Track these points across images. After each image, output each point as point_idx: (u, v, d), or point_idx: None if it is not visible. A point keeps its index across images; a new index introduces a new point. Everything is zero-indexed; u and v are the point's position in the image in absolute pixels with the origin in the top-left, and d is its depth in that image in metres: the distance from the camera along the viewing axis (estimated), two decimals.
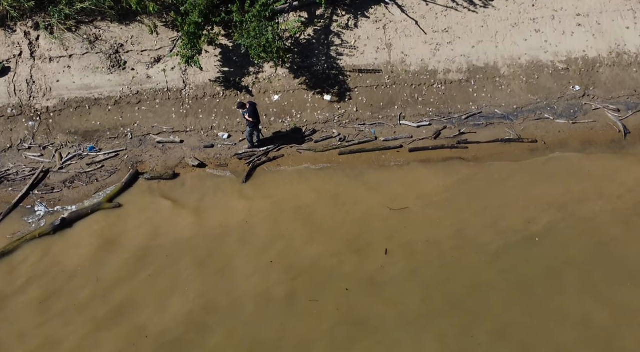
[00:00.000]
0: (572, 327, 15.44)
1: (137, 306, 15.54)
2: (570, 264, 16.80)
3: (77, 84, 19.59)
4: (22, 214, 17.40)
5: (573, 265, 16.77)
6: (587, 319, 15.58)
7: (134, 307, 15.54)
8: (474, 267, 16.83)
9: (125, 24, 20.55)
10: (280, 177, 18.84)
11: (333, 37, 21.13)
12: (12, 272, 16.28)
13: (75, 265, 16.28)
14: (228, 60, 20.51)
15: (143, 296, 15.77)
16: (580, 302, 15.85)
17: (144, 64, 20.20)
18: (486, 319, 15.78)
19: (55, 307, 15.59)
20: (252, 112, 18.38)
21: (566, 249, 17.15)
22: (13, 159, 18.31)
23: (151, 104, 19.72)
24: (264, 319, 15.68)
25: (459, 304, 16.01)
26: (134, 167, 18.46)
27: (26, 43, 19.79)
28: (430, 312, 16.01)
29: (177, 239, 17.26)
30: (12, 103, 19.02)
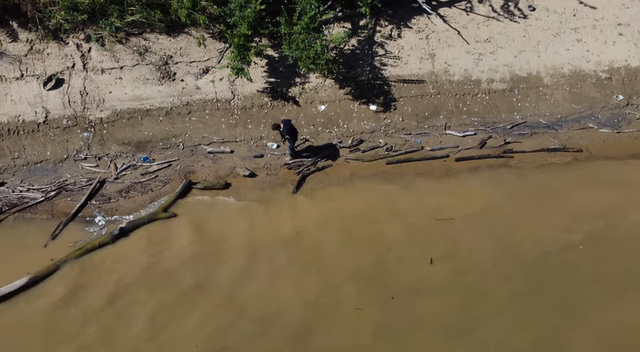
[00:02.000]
0: (613, 338, 15.64)
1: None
2: (610, 273, 16.98)
3: (128, 95, 19.99)
4: (82, 223, 17.77)
5: (613, 275, 16.94)
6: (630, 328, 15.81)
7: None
8: (515, 277, 17.08)
9: (173, 35, 20.95)
10: (329, 187, 19.13)
11: (377, 48, 21.46)
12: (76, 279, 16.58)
13: (138, 273, 16.59)
14: (274, 70, 20.88)
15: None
16: (618, 311, 16.05)
17: (192, 75, 20.58)
18: (527, 328, 16.02)
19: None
20: (289, 129, 18.73)
21: (606, 258, 17.34)
22: (70, 169, 18.72)
23: (201, 115, 20.10)
24: (311, 328, 15.86)
25: (500, 314, 16.28)
26: (187, 177, 18.82)
27: (78, 55, 20.22)
28: (472, 321, 16.27)
29: (227, 249, 17.55)
30: (67, 114, 19.46)
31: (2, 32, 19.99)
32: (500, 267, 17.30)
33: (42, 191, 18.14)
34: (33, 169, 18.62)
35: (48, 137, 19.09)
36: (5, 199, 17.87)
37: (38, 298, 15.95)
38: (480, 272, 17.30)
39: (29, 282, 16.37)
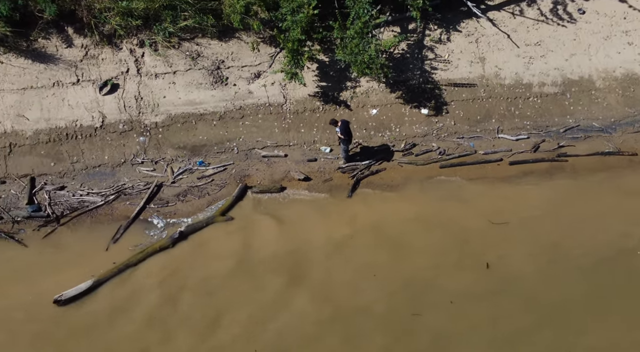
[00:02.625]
0: None
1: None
2: None
3: (182, 99, 20.16)
4: (142, 226, 17.92)
5: None
6: None
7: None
8: (571, 282, 17.02)
9: (224, 40, 21.11)
10: (383, 191, 19.20)
11: (426, 51, 21.49)
12: (136, 283, 16.73)
13: (203, 277, 16.73)
14: (325, 74, 20.97)
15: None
16: None
17: (244, 79, 20.73)
18: (584, 334, 15.97)
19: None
20: (344, 129, 18.81)
21: None
22: (127, 173, 18.91)
23: (254, 119, 20.23)
24: (366, 333, 15.93)
25: (556, 319, 16.23)
26: (242, 181, 18.94)
27: (132, 60, 20.42)
28: (528, 326, 16.23)
29: (282, 252, 17.63)
30: (123, 119, 19.65)
31: (58, 38, 20.20)
32: (556, 271, 17.25)
33: (102, 195, 18.32)
34: (92, 173, 18.81)
35: (105, 141, 19.28)
36: (66, 202, 18.07)
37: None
38: (536, 276, 17.27)
39: (93, 284, 16.48)
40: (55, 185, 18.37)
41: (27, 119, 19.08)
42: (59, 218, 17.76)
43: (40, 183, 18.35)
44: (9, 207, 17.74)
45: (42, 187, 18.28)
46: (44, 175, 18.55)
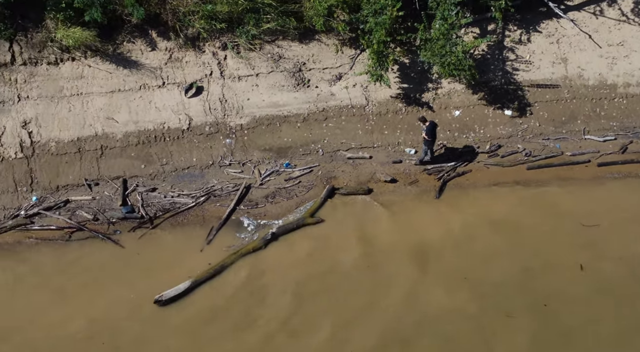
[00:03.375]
0: None
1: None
2: None
3: (266, 101, 20.26)
4: (233, 228, 18.02)
5: None
6: None
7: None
8: None
9: (305, 42, 21.19)
10: (470, 192, 19.09)
11: (507, 52, 21.37)
12: (232, 284, 16.82)
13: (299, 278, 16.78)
14: (406, 76, 20.95)
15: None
16: None
17: (326, 81, 20.78)
18: None
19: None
20: (430, 130, 18.78)
21: None
22: (216, 175, 19.04)
23: (337, 121, 20.26)
24: (459, 336, 15.80)
25: None
26: (329, 183, 18.97)
27: (215, 63, 20.57)
28: (624, 330, 15.95)
29: (372, 253, 17.62)
30: (209, 121, 19.80)
31: (143, 41, 20.43)
32: None
33: (192, 197, 18.47)
34: (181, 175, 18.98)
35: (193, 143, 19.44)
36: (158, 204, 18.24)
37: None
38: (630, 279, 17.00)
39: (191, 285, 16.59)
40: (147, 187, 18.55)
41: (117, 121, 19.31)
42: (153, 219, 17.91)
43: (132, 185, 18.49)
44: (104, 209, 17.95)
45: (135, 188, 18.47)
46: (135, 177, 18.75)
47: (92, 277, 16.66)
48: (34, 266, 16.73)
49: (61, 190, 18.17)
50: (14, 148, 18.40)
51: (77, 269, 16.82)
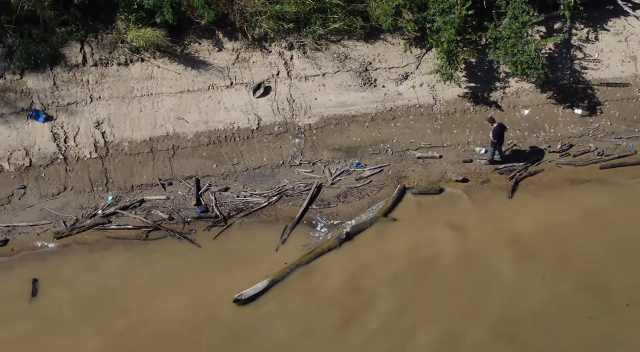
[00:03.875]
0: None
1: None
2: None
3: (333, 101, 20.25)
4: (306, 227, 18.01)
5: None
6: None
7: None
8: None
9: (371, 42, 21.17)
10: (544, 192, 18.91)
11: (575, 51, 21.16)
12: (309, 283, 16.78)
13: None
14: (473, 75, 20.81)
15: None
16: None
17: (393, 81, 20.72)
18: None
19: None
20: (497, 132, 18.64)
21: None
22: (287, 175, 19.06)
23: (406, 120, 20.19)
24: (539, 337, 15.58)
25: None
26: (400, 182, 18.89)
27: (282, 63, 20.61)
28: None
29: (446, 253, 17.49)
30: (278, 121, 19.83)
31: (210, 42, 20.52)
32: None
33: (265, 196, 18.50)
34: (253, 174, 19.01)
35: (263, 143, 19.48)
36: (231, 204, 18.29)
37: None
38: None
39: (269, 284, 16.59)
40: (220, 187, 18.61)
41: (187, 122, 19.41)
42: (227, 219, 17.93)
43: (205, 185, 18.56)
44: (179, 209, 18.02)
45: (208, 188, 18.52)
46: (208, 177, 18.82)
47: (171, 276, 16.69)
48: (113, 265, 16.78)
49: (136, 190, 18.28)
50: (88, 148, 18.55)
51: (156, 269, 16.86)
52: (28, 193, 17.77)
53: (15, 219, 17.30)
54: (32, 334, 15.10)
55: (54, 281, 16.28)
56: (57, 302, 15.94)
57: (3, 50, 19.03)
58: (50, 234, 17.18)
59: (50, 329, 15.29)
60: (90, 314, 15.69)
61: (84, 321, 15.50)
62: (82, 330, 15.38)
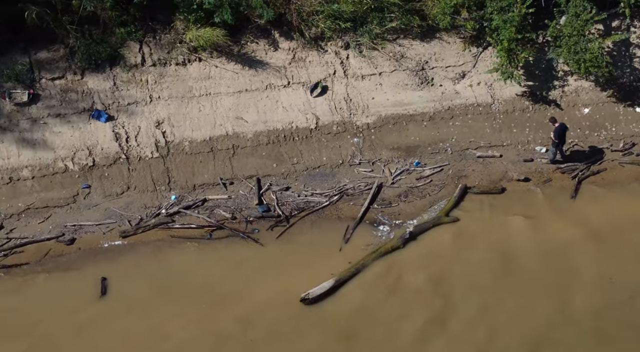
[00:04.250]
0: None
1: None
2: None
3: (390, 100, 20.16)
4: (368, 227, 17.94)
5: None
6: None
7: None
8: None
9: (426, 41, 21.02)
10: (608, 192, 18.68)
11: (634, 49, 20.96)
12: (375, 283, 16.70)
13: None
14: (530, 74, 20.63)
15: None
16: None
17: (450, 79, 20.59)
18: None
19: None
20: (557, 132, 18.46)
21: None
22: (347, 174, 19.01)
23: (464, 119, 20.06)
24: (609, 337, 15.35)
25: None
26: (460, 182, 18.74)
27: (338, 62, 20.56)
28: None
29: (512, 254, 17.31)
30: (336, 120, 19.78)
31: (266, 42, 20.51)
32: None
33: (325, 196, 18.46)
34: (312, 174, 18.99)
35: (321, 143, 19.44)
36: (293, 203, 18.27)
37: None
38: None
39: (335, 284, 16.53)
40: (280, 186, 18.60)
41: (246, 121, 19.43)
42: (289, 218, 17.90)
43: (265, 184, 18.55)
44: (241, 208, 18.02)
45: (268, 187, 18.51)
46: (268, 176, 18.82)
47: (236, 275, 16.69)
48: (179, 264, 16.82)
49: (197, 189, 18.33)
50: (149, 148, 18.63)
51: (221, 267, 16.86)
52: (92, 192, 17.85)
53: (81, 218, 17.40)
54: (103, 333, 15.12)
55: (122, 280, 16.34)
56: (126, 300, 15.95)
57: (65, 51, 19.10)
58: (115, 232, 17.21)
59: (120, 328, 15.30)
60: (157, 314, 15.67)
61: (153, 319, 15.56)
62: (151, 328, 15.35)
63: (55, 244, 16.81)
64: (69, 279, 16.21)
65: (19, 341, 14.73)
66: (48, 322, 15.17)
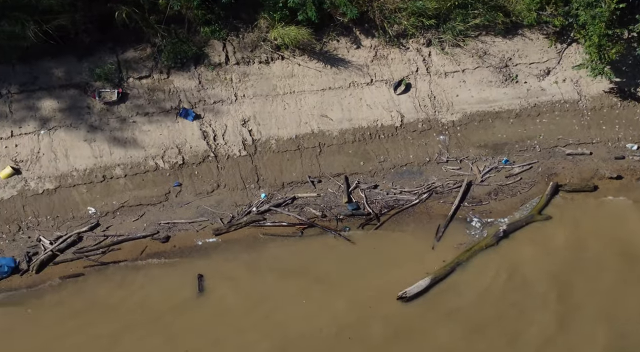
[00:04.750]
0: None
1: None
2: None
3: (475, 97, 19.92)
4: (459, 225, 17.74)
5: None
6: None
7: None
8: None
9: (509, 37, 20.73)
10: None
11: None
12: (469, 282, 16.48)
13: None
14: (617, 70, 20.27)
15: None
16: None
17: (534, 76, 20.28)
18: None
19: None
20: None
21: None
22: (434, 172, 18.83)
23: (551, 116, 19.75)
24: None
25: None
26: (551, 179, 18.45)
27: (420, 59, 20.37)
28: None
29: (608, 253, 16.97)
30: (420, 118, 19.60)
31: (347, 39, 20.41)
32: None
33: (414, 193, 18.30)
34: (400, 171, 18.84)
35: (407, 140, 19.29)
36: (382, 201, 18.15)
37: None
38: None
39: (431, 282, 16.37)
40: (368, 184, 18.49)
41: (331, 119, 19.35)
42: (379, 216, 17.77)
43: (353, 182, 18.45)
44: (330, 206, 17.94)
45: (357, 186, 18.41)
46: (355, 174, 18.72)
47: (330, 273, 16.68)
48: (273, 261, 16.83)
49: (286, 187, 18.29)
50: (237, 146, 18.65)
51: (315, 265, 16.84)
52: (183, 190, 17.92)
53: (174, 216, 17.47)
54: (202, 330, 15.19)
55: (218, 277, 16.41)
56: (223, 297, 15.98)
57: (152, 50, 19.22)
58: (208, 230, 17.26)
59: (220, 324, 15.35)
60: (258, 311, 15.74)
61: (251, 317, 15.70)
62: (249, 326, 15.44)
63: (151, 242, 16.84)
64: (166, 276, 16.31)
65: (133, 336, 14.76)
66: (154, 319, 15.20)
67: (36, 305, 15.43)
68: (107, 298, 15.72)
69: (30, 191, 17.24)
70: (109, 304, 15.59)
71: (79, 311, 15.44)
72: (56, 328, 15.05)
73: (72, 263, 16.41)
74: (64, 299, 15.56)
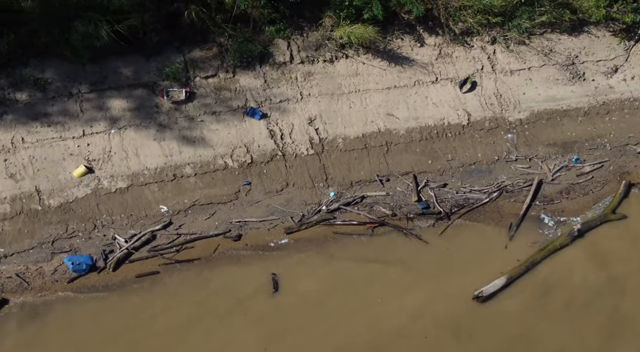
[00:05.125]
0: None
1: None
2: None
3: (542, 95, 19.69)
4: (531, 224, 17.54)
5: None
6: None
7: None
8: None
9: (574, 35, 20.44)
10: None
11: None
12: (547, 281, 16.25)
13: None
14: None
15: None
16: None
17: (602, 74, 19.99)
18: None
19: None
20: None
21: None
22: (503, 170, 18.63)
23: (620, 114, 19.47)
24: None
25: None
26: (623, 178, 18.14)
27: (485, 57, 20.17)
28: None
29: None
30: (487, 116, 19.41)
31: (411, 38, 20.28)
32: None
33: (484, 192, 18.10)
34: (468, 170, 18.66)
35: (474, 139, 19.10)
36: (451, 199, 18.00)
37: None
38: None
39: (507, 282, 16.18)
40: (437, 182, 18.35)
41: (397, 117, 19.24)
42: (449, 215, 17.61)
43: (422, 181, 18.32)
44: (400, 204, 17.84)
45: (426, 184, 18.27)
46: (424, 172, 18.59)
47: (405, 273, 16.59)
48: (346, 261, 16.79)
49: (355, 186, 18.22)
50: (304, 145, 18.62)
51: (387, 264, 16.73)
52: (253, 189, 17.93)
53: (245, 215, 17.49)
54: (278, 330, 15.23)
55: (292, 276, 16.37)
56: (299, 297, 15.97)
57: (218, 49, 19.27)
58: (279, 229, 17.23)
59: (294, 326, 15.34)
60: (333, 310, 15.63)
61: (324, 318, 15.65)
62: (323, 327, 15.36)
63: (223, 240, 16.85)
64: (241, 275, 16.29)
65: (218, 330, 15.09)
66: (234, 317, 15.26)
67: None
68: (190, 297, 15.71)
69: (103, 190, 17.35)
70: (192, 301, 15.58)
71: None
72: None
73: (147, 261, 16.41)
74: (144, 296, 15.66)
